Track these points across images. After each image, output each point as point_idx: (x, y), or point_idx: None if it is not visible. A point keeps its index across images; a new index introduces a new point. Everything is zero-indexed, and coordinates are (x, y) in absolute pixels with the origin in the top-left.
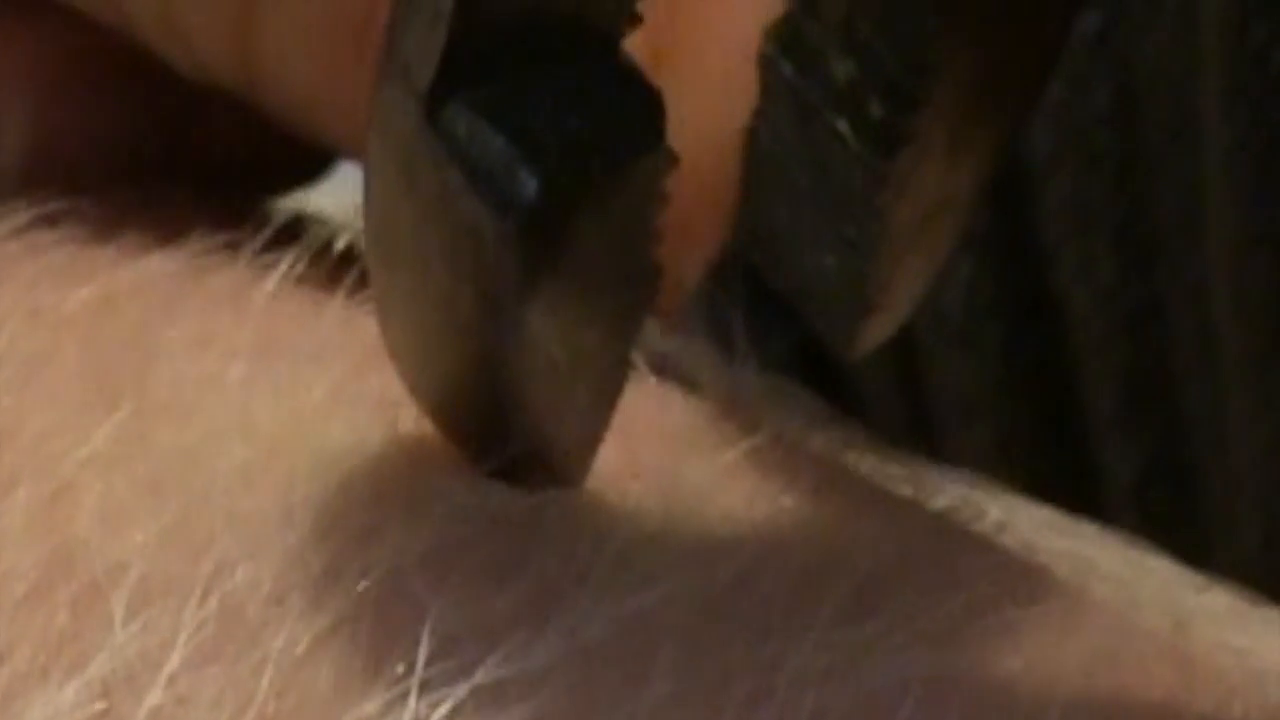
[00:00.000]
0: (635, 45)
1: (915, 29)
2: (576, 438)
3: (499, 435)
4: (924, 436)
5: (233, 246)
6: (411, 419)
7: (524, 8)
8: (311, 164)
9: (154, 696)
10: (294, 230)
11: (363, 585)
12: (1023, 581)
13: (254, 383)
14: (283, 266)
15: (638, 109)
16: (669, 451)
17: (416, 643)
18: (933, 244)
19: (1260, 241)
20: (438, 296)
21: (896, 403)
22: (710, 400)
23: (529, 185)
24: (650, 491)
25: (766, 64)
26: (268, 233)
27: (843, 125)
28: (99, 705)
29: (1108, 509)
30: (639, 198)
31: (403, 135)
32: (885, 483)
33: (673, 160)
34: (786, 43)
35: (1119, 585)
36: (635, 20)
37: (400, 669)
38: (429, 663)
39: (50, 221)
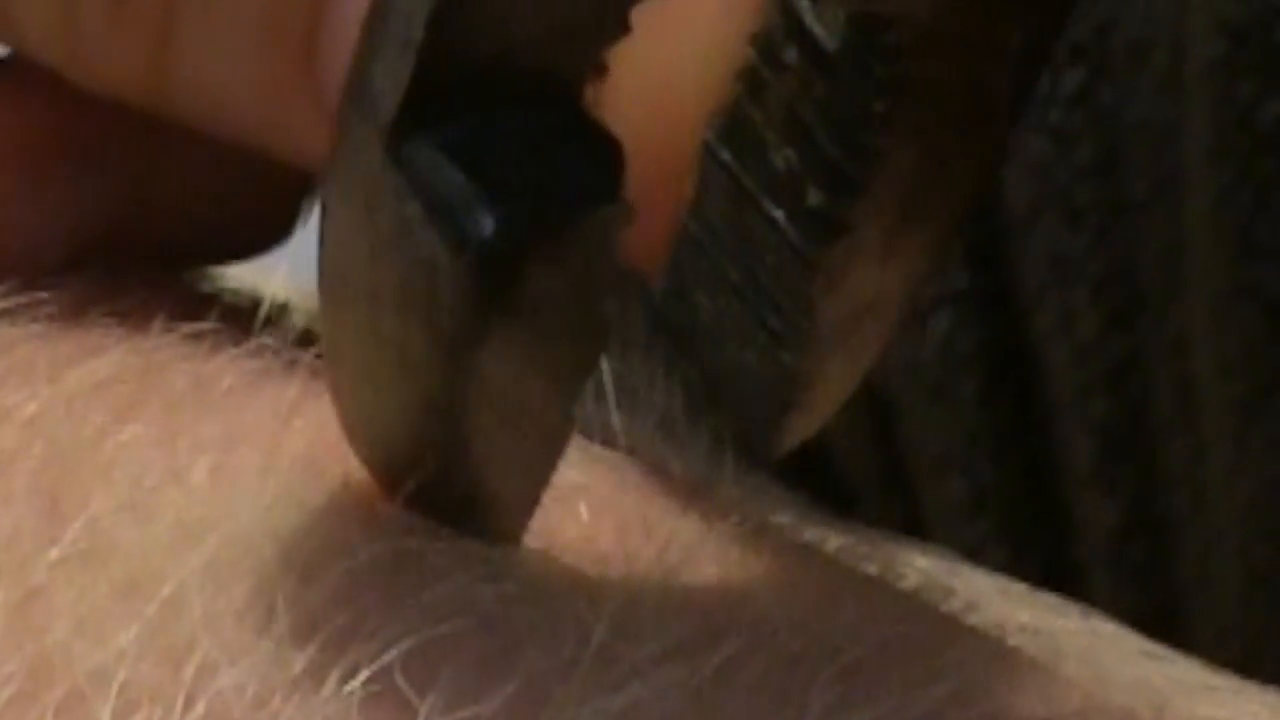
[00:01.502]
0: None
1: (858, 116)
2: (517, 492)
3: (438, 484)
4: (899, 489)
5: (194, 337)
6: (386, 507)
7: (493, 49)
8: (271, 230)
9: None
10: (252, 315)
11: (349, 687)
12: (1000, 668)
13: (219, 478)
14: (243, 357)
15: (598, 160)
16: (648, 535)
17: None
18: (858, 347)
19: (1241, 296)
20: (388, 335)
21: (872, 455)
22: (679, 482)
23: (486, 223)
24: (631, 577)
25: (706, 151)
26: (229, 319)
27: (779, 214)
28: None
29: (1084, 563)
30: (594, 248)
31: (364, 167)
32: (853, 562)
33: (629, 214)
34: (728, 130)
35: (1088, 663)
36: (601, 70)
37: None
38: None
39: (9, 318)
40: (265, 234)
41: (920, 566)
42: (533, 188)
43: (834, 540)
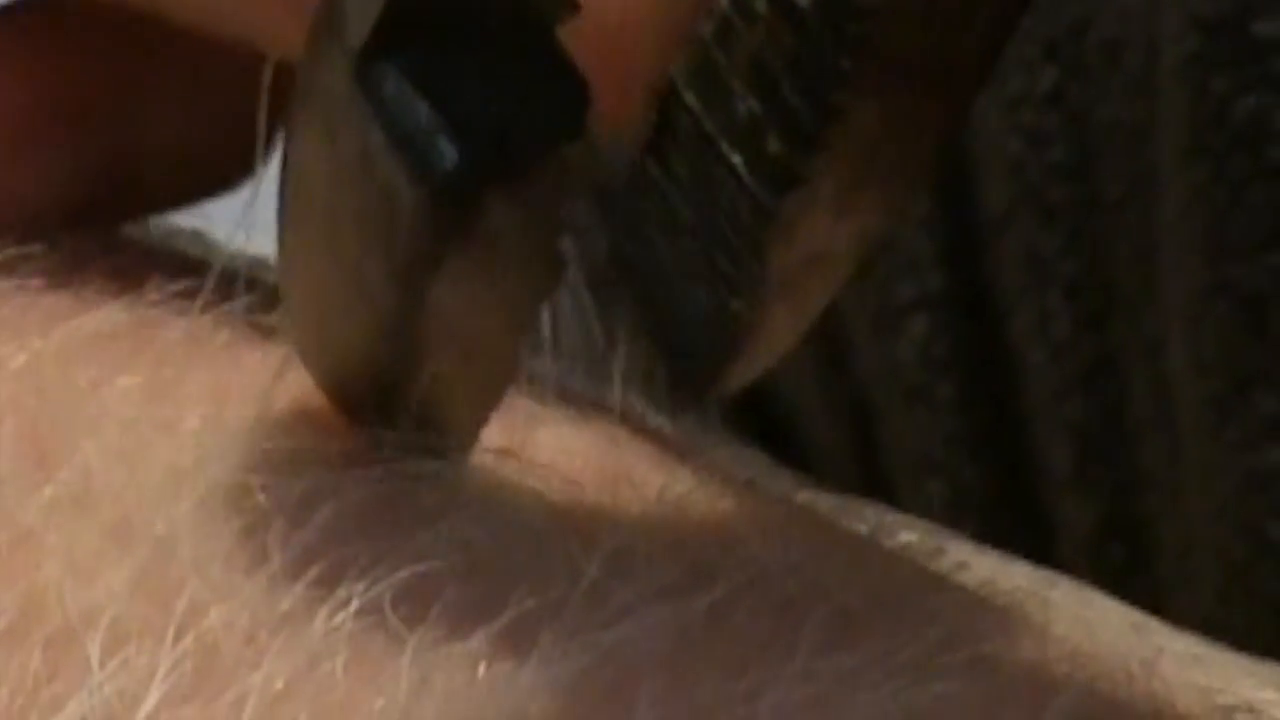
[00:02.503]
0: None
1: (824, 71)
2: (463, 419)
3: (386, 407)
4: (877, 492)
5: (188, 295)
6: (378, 459)
7: None
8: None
9: None
10: (246, 276)
11: (339, 620)
12: (990, 620)
13: (211, 428)
14: (237, 315)
15: (565, 98)
16: (640, 485)
17: (395, 677)
18: (803, 299)
19: (1216, 295)
20: (345, 259)
21: (850, 458)
22: (671, 443)
23: (448, 155)
24: (623, 523)
25: (669, 92)
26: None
27: (738, 160)
28: None
29: (1062, 564)
30: (554, 186)
31: (331, 90)
32: (844, 520)
33: (592, 153)
34: (693, 73)
35: (1080, 623)
36: (573, 8)
37: (379, 704)
38: (408, 697)
39: (5, 270)
40: (243, 166)
41: (911, 529)
42: (498, 123)
43: (826, 502)
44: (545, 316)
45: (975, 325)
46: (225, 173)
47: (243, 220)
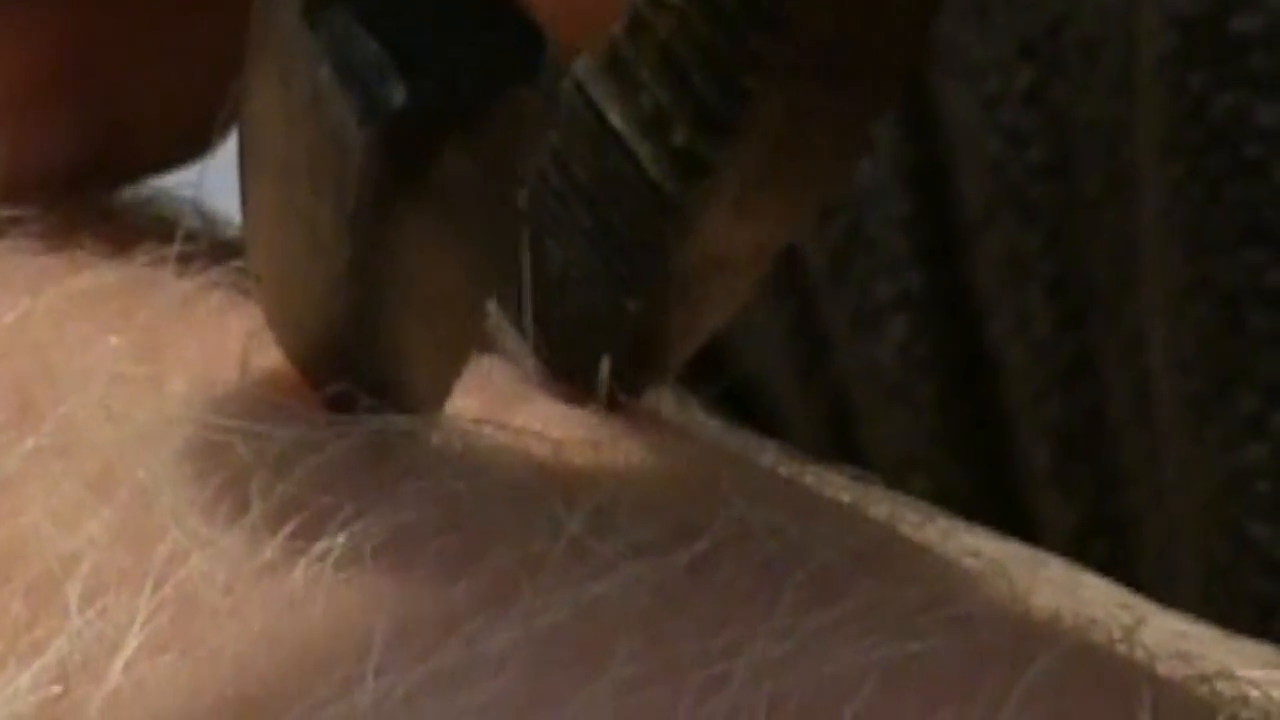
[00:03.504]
0: None
1: (734, 54)
2: (426, 379)
3: (347, 369)
4: None
5: (180, 259)
6: (364, 418)
7: None
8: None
9: (111, 681)
10: (239, 242)
11: (318, 571)
12: (975, 579)
13: (197, 388)
14: (228, 279)
15: (518, 43)
16: (622, 448)
17: (373, 628)
18: (701, 302)
19: (1196, 291)
20: (300, 210)
21: (831, 457)
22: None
23: (396, 94)
24: (604, 481)
25: (575, 90)
26: (213, 245)
27: (642, 152)
28: (56, 689)
29: None
30: (508, 132)
31: (281, 29)
32: (828, 490)
33: (548, 104)
34: (600, 69)
35: (1065, 591)
36: None
37: (356, 654)
38: (386, 647)
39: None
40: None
41: (899, 500)
42: (449, 64)
43: (812, 472)
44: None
45: (955, 325)
46: (220, 132)
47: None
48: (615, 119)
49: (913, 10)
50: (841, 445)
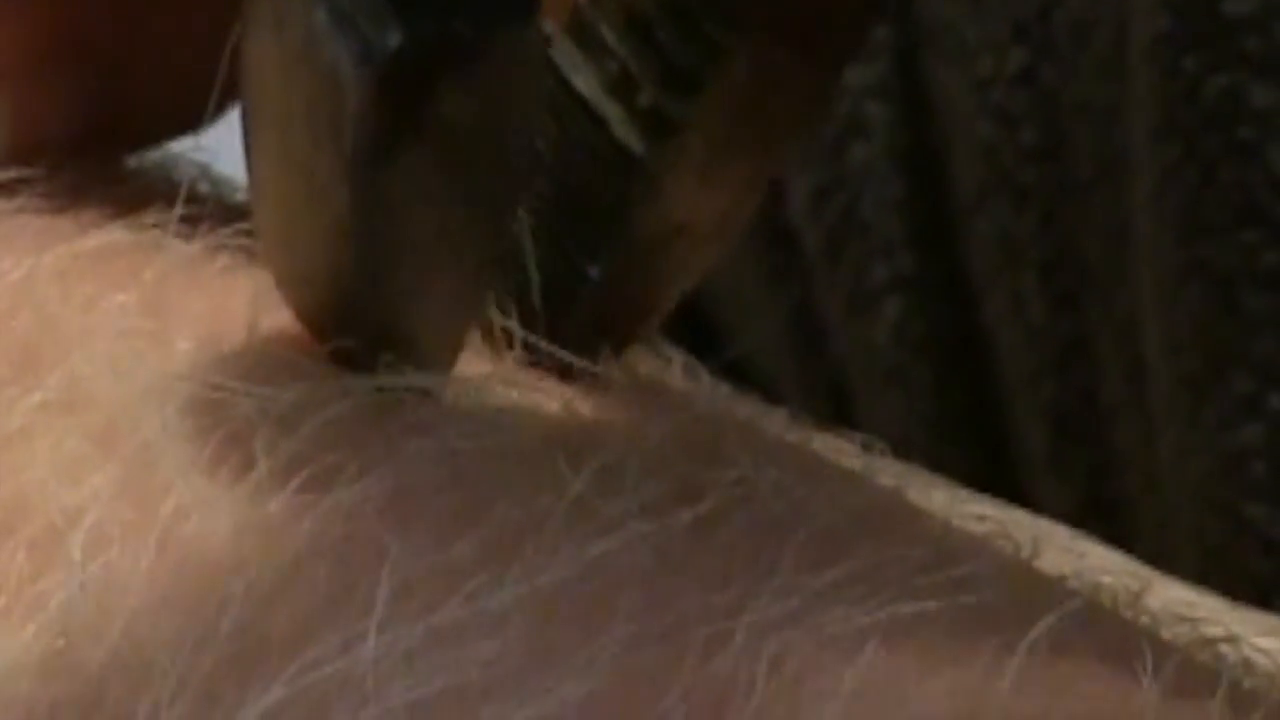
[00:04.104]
0: None
1: (699, 12)
2: (437, 329)
3: (355, 324)
4: None
5: (188, 220)
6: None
7: None
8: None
9: (113, 636)
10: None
11: (323, 528)
12: (980, 542)
13: (203, 346)
14: (236, 237)
15: None
16: (628, 409)
17: (376, 584)
18: (662, 273)
19: (1189, 275)
20: (299, 159)
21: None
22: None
23: (391, 34)
24: (610, 441)
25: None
26: (220, 207)
27: (609, 113)
28: (59, 643)
29: None
30: (506, 71)
31: None
32: (834, 455)
33: (546, 41)
34: (566, 32)
35: (1070, 555)
36: None
37: (360, 610)
38: (388, 603)
39: (6, 192)
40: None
41: (905, 468)
42: (444, 4)
43: (817, 440)
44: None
45: (949, 308)
46: (222, 101)
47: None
48: (580, 84)
49: None
50: (836, 427)
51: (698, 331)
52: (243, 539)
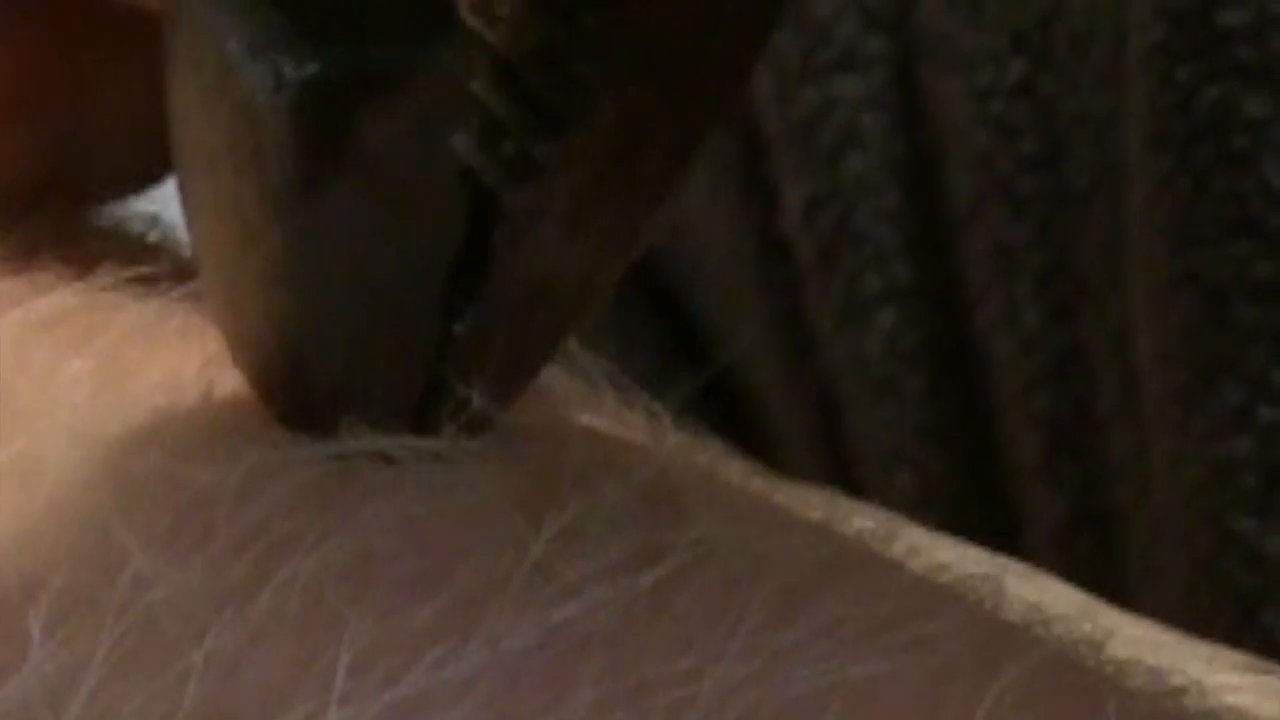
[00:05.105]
0: None
1: (566, 46)
2: (392, 383)
3: (304, 373)
4: (845, 484)
5: (142, 280)
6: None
7: None
8: None
9: (75, 710)
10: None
11: (282, 598)
12: (939, 598)
13: (160, 412)
14: (190, 300)
15: (431, 6)
16: (586, 465)
17: (336, 656)
18: (526, 327)
19: (1181, 285)
20: (228, 201)
21: (817, 450)
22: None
23: (304, 63)
24: (569, 500)
25: None
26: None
27: (478, 163)
28: (19, 718)
29: (1032, 555)
30: (428, 97)
31: (189, 8)
32: (794, 506)
33: (470, 64)
34: None
35: (1032, 605)
36: None
37: (320, 683)
38: (349, 675)
39: None
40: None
41: (865, 517)
42: (360, 30)
43: (779, 488)
44: None
45: (943, 317)
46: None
47: None
48: (453, 137)
49: (751, 19)
50: (828, 438)
51: (686, 340)
52: (202, 610)
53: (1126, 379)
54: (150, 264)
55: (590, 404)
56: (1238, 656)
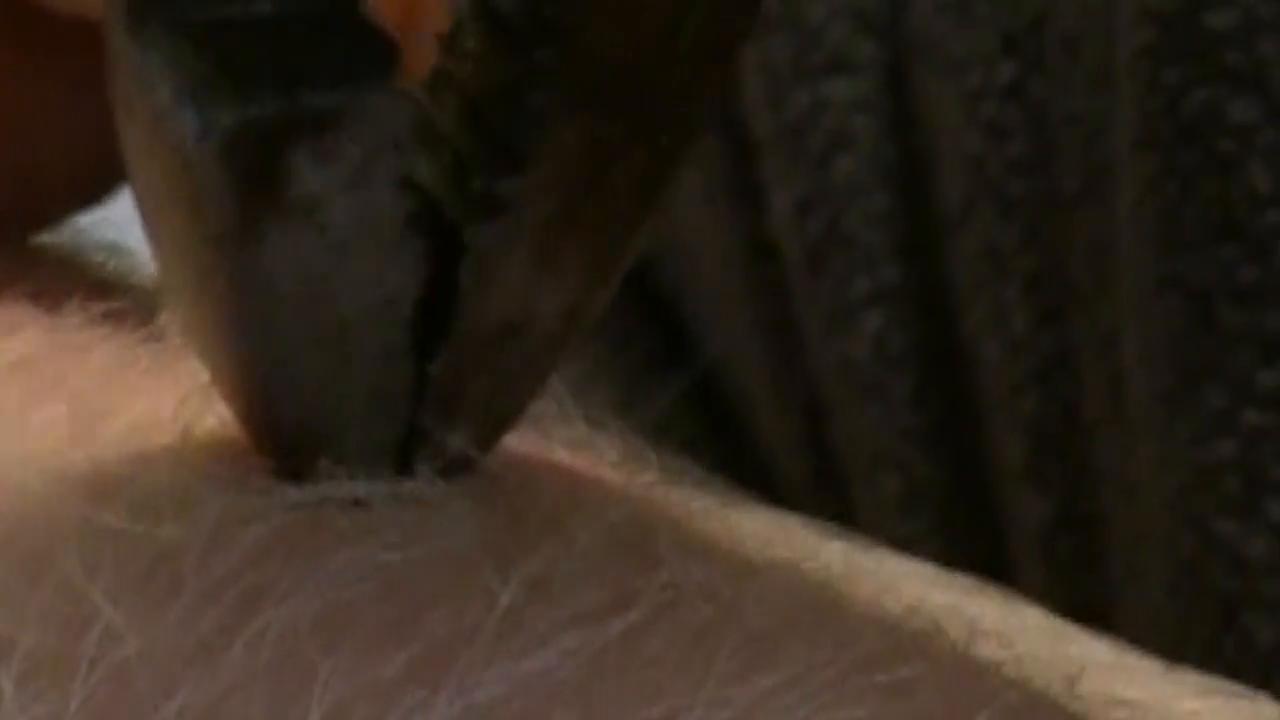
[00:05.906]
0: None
1: (523, 80)
2: (363, 427)
3: (273, 417)
4: (832, 487)
5: (110, 316)
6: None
7: None
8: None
9: None
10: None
11: (254, 649)
12: (911, 639)
13: (132, 458)
14: (159, 337)
15: (363, 50)
16: (558, 508)
17: (309, 709)
18: (501, 374)
19: (1166, 288)
20: (181, 244)
21: (804, 453)
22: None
23: (231, 109)
24: (539, 547)
25: None
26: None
27: (447, 200)
28: None
29: (1016, 558)
30: (365, 144)
31: (123, 56)
32: (764, 544)
33: (407, 107)
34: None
35: (1005, 642)
36: None
37: None
38: None
39: None
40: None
41: (835, 549)
42: (289, 73)
43: (751, 520)
44: None
45: (931, 320)
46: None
47: None
48: (421, 174)
49: (710, 45)
50: (813, 441)
51: (672, 341)
52: (174, 663)
53: (1113, 382)
54: (115, 299)
55: (560, 433)
56: (1211, 681)
